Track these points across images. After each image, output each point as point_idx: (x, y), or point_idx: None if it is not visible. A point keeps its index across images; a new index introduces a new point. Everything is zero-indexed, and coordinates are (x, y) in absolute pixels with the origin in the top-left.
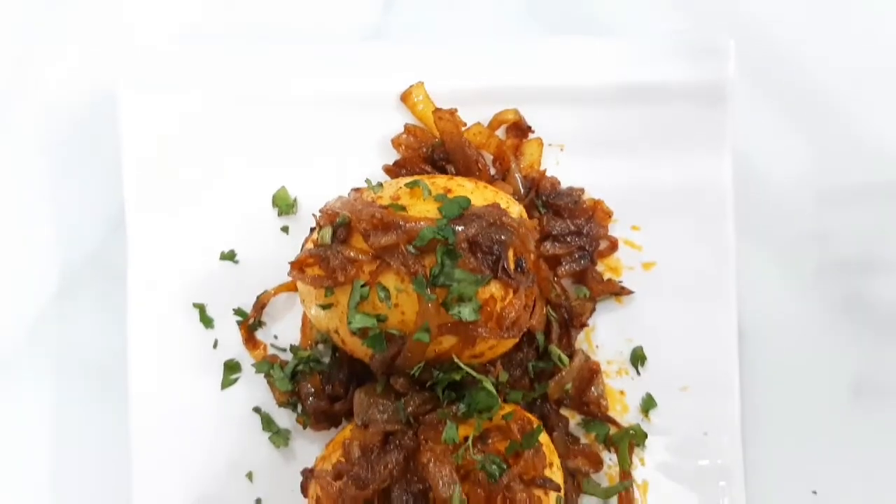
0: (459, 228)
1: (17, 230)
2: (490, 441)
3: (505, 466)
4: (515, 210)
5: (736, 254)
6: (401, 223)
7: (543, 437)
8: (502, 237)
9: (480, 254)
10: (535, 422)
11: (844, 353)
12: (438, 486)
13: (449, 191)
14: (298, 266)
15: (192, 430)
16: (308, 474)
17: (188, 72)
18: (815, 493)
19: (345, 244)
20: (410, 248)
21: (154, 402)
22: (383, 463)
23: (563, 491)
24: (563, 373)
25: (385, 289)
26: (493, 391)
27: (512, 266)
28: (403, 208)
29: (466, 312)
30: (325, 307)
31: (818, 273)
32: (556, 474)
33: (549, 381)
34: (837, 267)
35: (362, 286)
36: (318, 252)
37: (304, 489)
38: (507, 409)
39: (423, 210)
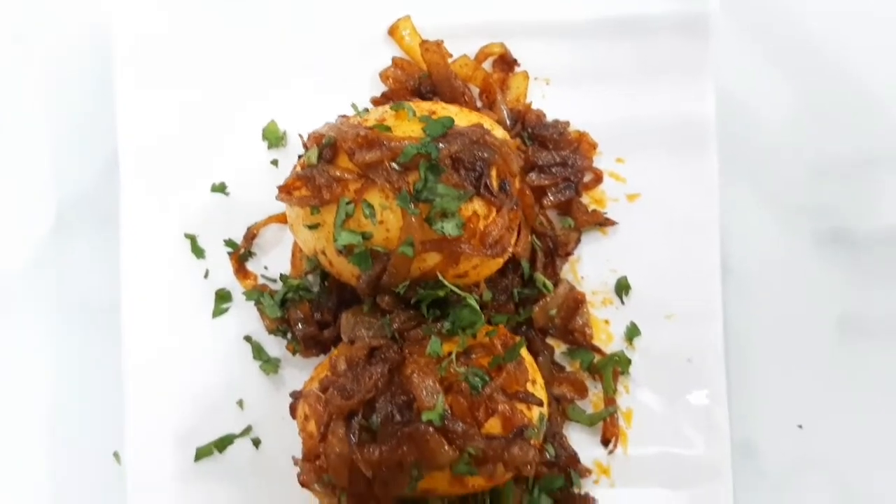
0: (442, 145)
1: (11, 169)
2: (473, 356)
3: (488, 378)
4: (499, 133)
5: (719, 187)
6: (385, 141)
7: (527, 357)
8: (485, 155)
9: (463, 170)
10: (518, 338)
11: (830, 289)
12: (422, 395)
13: (433, 113)
14: (286, 189)
15: (183, 358)
16: (296, 395)
17: (180, 7)
18: (800, 426)
19: (331, 164)
20: (394, 165)
21: (146, 332)
22: (368, 374)
23: (546, 408)
24: (548, 298)
25: (370, 206)
26: (477, 308)
27: (496, 186)
28: (388, 129)
29: (449, 227)
30: (312, 227)
31: (804, 211)
32: (538, 391)
33: (533, 306)
34: (823, 205)
35: (347, 203)
36: (304, 173)
37: (293, 410)
38: (491, 329)
39: (407, 130)
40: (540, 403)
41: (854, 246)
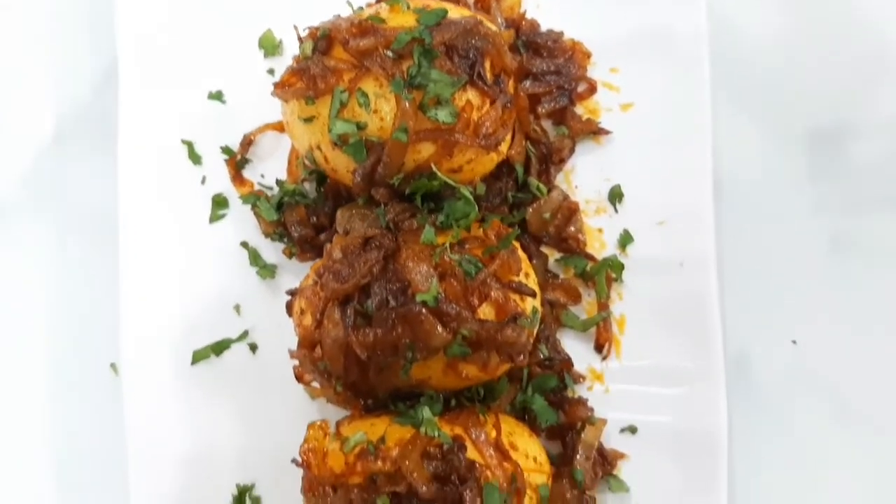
0: (436, 33)
1: (10, 85)
2: (467, 247)
3: (481, 266)
4: (493, 27)
5: (711, 104)
6: (379, 29)
7: (520, 252)
8: (479, 43)
9: (457, 57)
10: (511, 228)
11: (823, 206)
12: (416, 279)
13: (428, 6)
14: (282, 85)
15: (180, 264)
16: (293, 292)
17: None
18: (794, 342)
19: (325, 55)
20: (388, 53)
21: (143, 238)
22: (363, 260)
23: (539, 302)
24: (542, 201)
25: (364, 94)
26: (471, 198)
27: (490, 78)
28: (383, 21)
29: (443, 115)
30: (307, 120)
31: (796, 129)
32: (531, 284)
33: (527, 207)
34: (816, 123)
35: (342, 92)
36: (299, 66)
37: (290, 308)
38: (485, 221)
39: (401, 21)
40: (533, 294)
41: (847, 163)
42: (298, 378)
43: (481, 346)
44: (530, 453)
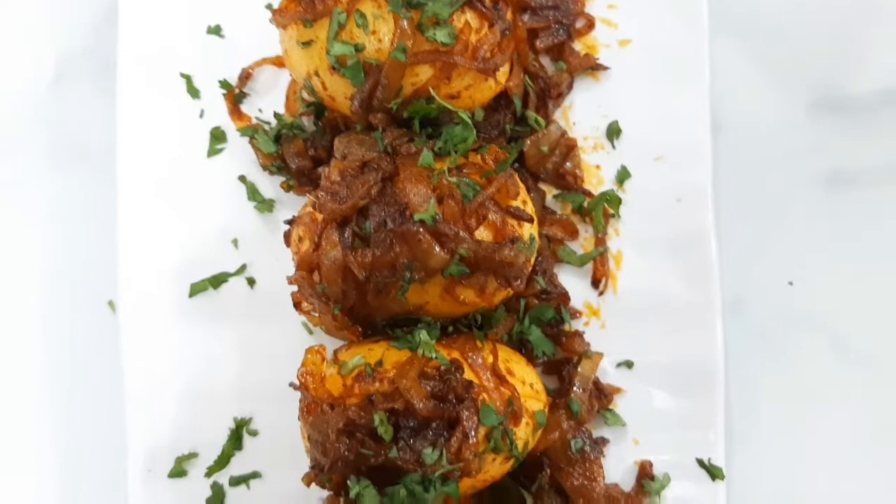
0: None
1: (10, 24)
2: (465, 172)
3: (479, 188)
4: None
5: (710, 37)
6: None
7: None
8: None
9: None
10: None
11: (820, 146)
12: (414, 199)
13: None
14: (280, 11)
15: (178, 197)
16: (291, 221)
17: None
18: (790, 283)
19: None
20: None
21: (141, 172)
22: (361, 181)
23: (536, 229)
24: (540, 134)
25: (363, 15)
26: (469, 122)
27: (488, 2)
28: None
29: (441, 35)
30: (305, 44)
31: (795, 69)
32: (529, 209)
33: (525, 139)
34: (814, 64)
35: (340, 13)
36: None
37: (287, 238)
38: (483, 147)
39: None
40: (530, 220)
41: (844, 103)
42: (296, 305)
43: (479, 267)
44: (527, 380)
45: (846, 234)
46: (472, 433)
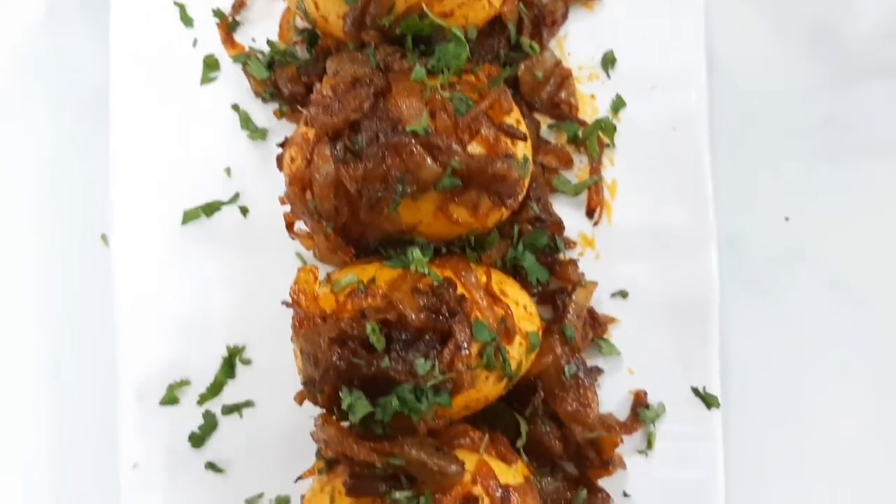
0: None
1: None
2: (458, 89)
3: (472, 103)
4: None
5: None
6: None
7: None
8: None
9: None
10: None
11: (816, 87)
12: (406, 112)
13: None
14: None
15: (170, 126)
16: (284, 143)
17: None
18: (787, 219)
19: None
20: None
21: (134, 101)
22: (353, 96)
23: (530, 150)
24: (534, 59)
25: None
26: (462, 38)
27: None
28: None
29: None
30: None
31: (792, 9)
32: (522, 128)
33: (520, 64)
34: (810, 3)
35: None
36: None
37: (280, 161)
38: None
39: None
40: (524, 138)
41: (841, 44)
42: (289, 227)
43: (471, 181)
44: (521, 301)
45: (843, 171)
46: (465, 345)
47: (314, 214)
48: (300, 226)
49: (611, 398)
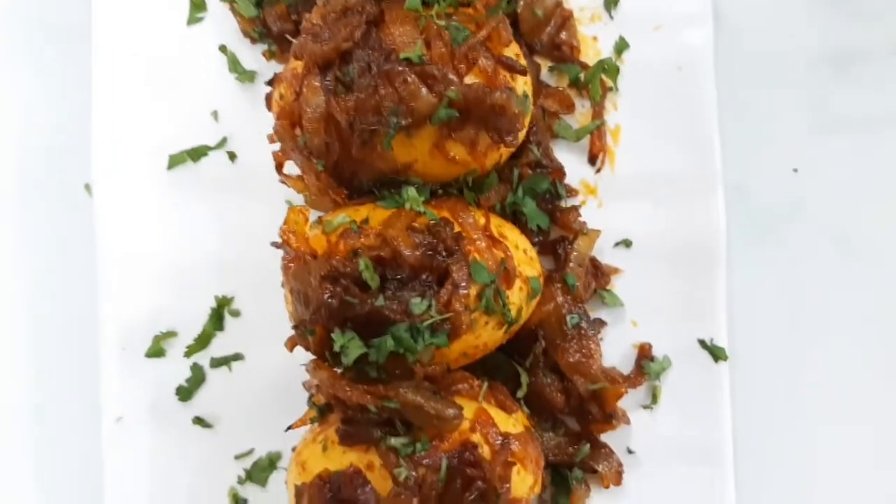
0: None
1: None
2: (455, 20)
3: (469, 33)
4: None
5: None
6: None
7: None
8: None
9: None
10: None
11: (824, 30)
12: (400, 41)
13: None
14: None
15: (156, 69)
16: (272, 81)
17: None
18: (795, 170)
19: None
20: None
21: (118, 40)
22: (344, 24)
23: (530, 87)
24: None
25: None
26: None
27: None
28: None
29: None
30: None
31: None
32: (522, 61)
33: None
34: None
35: None
36: None
37: (269, 100)
38: None
39: None
40: (523, 72)
41: None
42: (278, 167)
43: (469, 114)
44: (521, 245)
45: (852, 121)
46: (463, 284)
47: (304, 151)
48: (290, 169)
49: (614, 351)
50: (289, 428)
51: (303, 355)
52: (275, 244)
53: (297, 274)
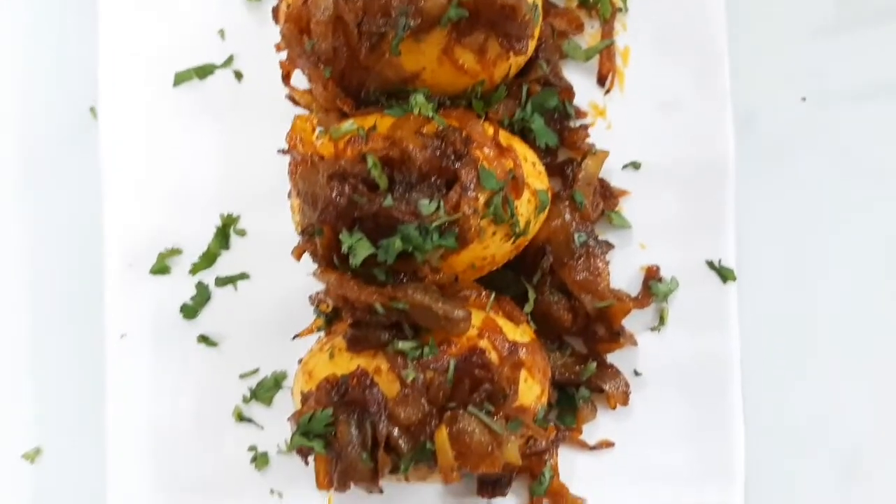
0: None
1: None
2: None
3: None
4: None
5: None
6: None
7: None
8: None
9: None
10: None
11: None
12: None
13: None
14: None
15: None
16: None
17: None
18: (804, 99)
19: None
20: None
21: None
22: None
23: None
24: None
25: None
26: None
27: None
28: None
29: None
30: None
31: None
32: None
33: None
34: None
35: None
36: None
37: (276, 13)
38: None
39: None
40: None
41: None
42: (285, 78)
43: (479, 17)
44: (529, 158)
45: (860, 49)
46: (471, 187)
47: (312, 58)
48: (298, 84)
49: (622, 274)
50: (296, 336)
51: (309, 272)
52: (282, 151)
53: (304, 175)
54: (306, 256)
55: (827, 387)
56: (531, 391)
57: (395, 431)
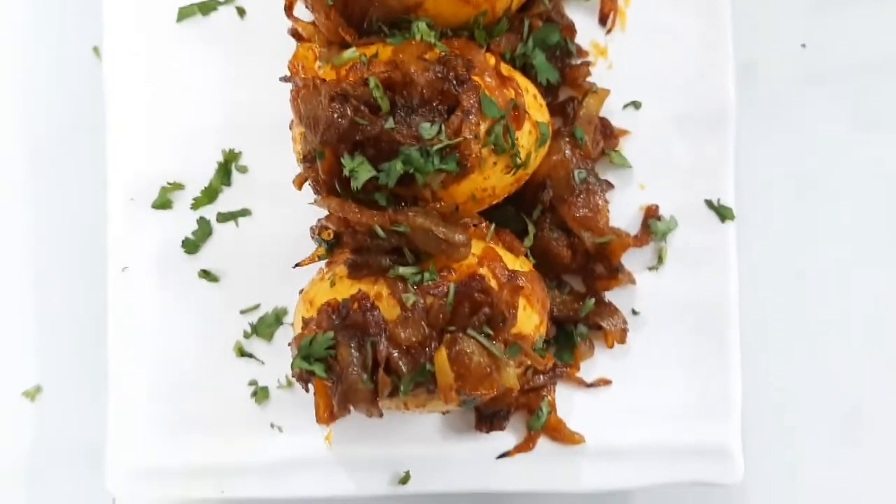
0: None
1: None
2: None
3: None
4: None
5: None
6: None
7: None
8: None
9: None
10: None
11: None
12: None
13: None
14: None
15: None
16: None
17: None
18: (803, 46)
19: None
20: None
21: None
22: None
23: None
24: None
25: None
26: None
27: None
28: None
29: None
30: None
31: None
32: None
33: None
34: None
35: None
36: None
37: None
38: None
39: None
40: None
41: None
42: (288, 8)
43: None
44: (531, 90)
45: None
46: (473, 112)
47: None
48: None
49: (621, 214)
50: (297, 265)
51: (310, 208)
52: (284, 78)
53: (306, 98)
54: (307, 193)
55: (823, 324)
56: (530, 320)
57: (396, 353)
